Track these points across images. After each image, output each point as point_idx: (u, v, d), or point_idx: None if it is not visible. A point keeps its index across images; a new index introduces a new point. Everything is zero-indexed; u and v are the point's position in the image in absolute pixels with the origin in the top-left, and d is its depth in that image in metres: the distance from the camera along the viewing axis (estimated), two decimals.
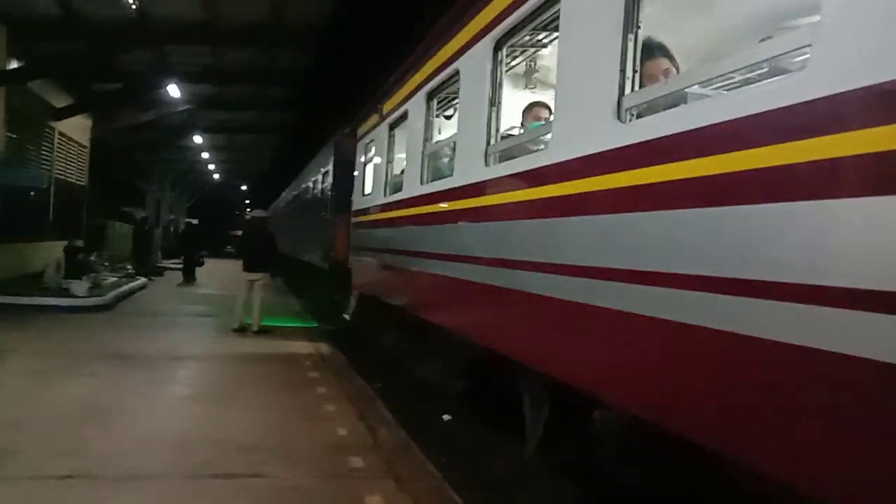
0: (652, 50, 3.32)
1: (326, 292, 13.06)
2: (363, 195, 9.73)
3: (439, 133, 6.77)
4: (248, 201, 59.01)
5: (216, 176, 43.93)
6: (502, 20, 4.53)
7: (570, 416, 4.05)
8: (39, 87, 15.55)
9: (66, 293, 12.66)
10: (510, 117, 5.09)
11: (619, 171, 3.06)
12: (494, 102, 4.80)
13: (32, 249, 15.59)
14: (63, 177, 18.04)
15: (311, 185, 17.88)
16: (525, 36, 4.88)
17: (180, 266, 20.68)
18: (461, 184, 5.29)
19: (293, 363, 8.19)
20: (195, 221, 35.34)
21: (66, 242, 15.65)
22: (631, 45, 3.10)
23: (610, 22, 3.18)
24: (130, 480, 4.12)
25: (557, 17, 3.88)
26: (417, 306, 6.62)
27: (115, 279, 15.89)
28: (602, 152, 3.22)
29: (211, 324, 11.18)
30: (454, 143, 5.72)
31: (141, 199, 32.94)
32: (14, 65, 14.10)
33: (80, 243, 16.87)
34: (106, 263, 17.23)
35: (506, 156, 4.65)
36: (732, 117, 2.39)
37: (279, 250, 13.96)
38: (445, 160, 6.21)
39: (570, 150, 3.58)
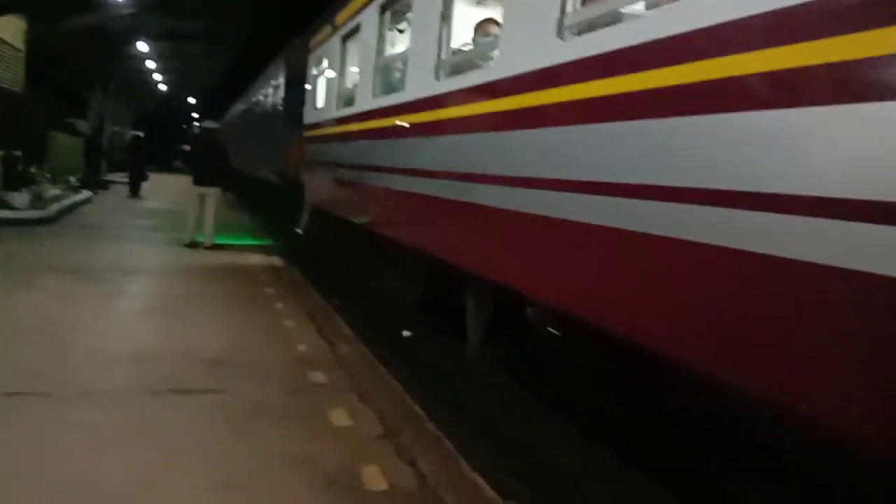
0: None
1: (279, 207, 13.31)
2: (315, 109, 9.81)
3: (392, 47, 6.73)
4: (196, 115, 57.27)
5: (163, 87, 42.59)
6: None
7: (507, 314, 4.38)
8: None
9: (5, 206, 12.36)
10: (463, 33, 5.12)
11: (559, 86, 3.26)
12: (446, 17, 4.89)
13: None
14: None
15: (262, 98, 17.88)
16: None
17: (126, 181, 20.37)
18: (412, 98, 5.40)
19: (248, 278, 8.28)
20: (142, 134, 34.43)
21: (2, 153, 15.23)
22: None
23: None
24: (86, 397, 4.01)
25: None
26: (370, 220, 6.77)
27: (59, 192, 15.52)
28: (544, 69, 3.40)
29: (160, 238, 11.10)
30: (406, 57, 5.80)
31: (84, 109, 31.83)
32: None
33: (18, 154, 16.42)
34: (48, 175, 16.79)
35: (456, 70, 4.77)
36: (658, 37, 2.59)
37: (231, 165, 13.99)
38: (397, 74, 6.21)
39: (514, 67, 3.75)
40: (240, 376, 4.54)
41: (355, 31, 7.62)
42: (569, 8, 3.26)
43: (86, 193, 17.07)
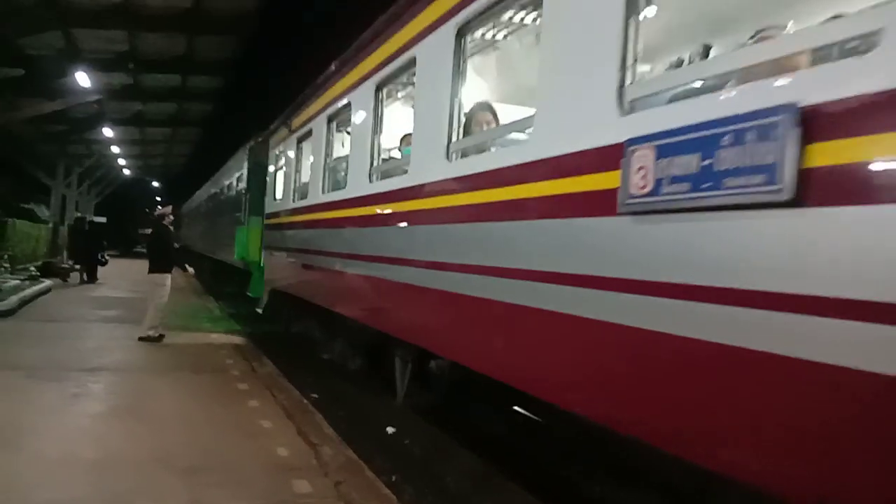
0: (482, 105, 5.13)
1: (242, 289, 14.61)
2: (275, 200, 11.63)
3: (342, 147, 8.26)
4: (159, 199, 58.66)
5: (127, 171, 43.77)
6: (382, 68, 6.37)
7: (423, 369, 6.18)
8: None
9: None
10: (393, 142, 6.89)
11: (447, 195, 4.89)
12: (377, 130, 6.53)
13: None
14: None
15: (226, 187, 19.60)
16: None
17: (76, 267, 20.99)
18: (353, 195, 6.97)
19: (217, 370, 8.51)
20: (99, 219, 35.15)
21: None
22: (457, 109, 4.91)
23: (446, 91, 4.93)
24: None
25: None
26: (322, 298, 8.26)
27: (18, 282, 15.84)
28: (437, 181, 5.09)
29: (123, 331, 11.14)
30: (347, 161, 7.37)
31: (45, 194, 32.80)
32: None
33: None
34: (6, 265, 17.40)
35: (385, 175, 6.28)
36: (495, 167, 4.29)
37: (182, 247, 15.54)
38: (342, 174, 7.64)
39: (419, 178, 5.35)
40: (218, 484, 4.51)
41: (308, 134, 9.31)
42: (453, 137, 4.88)
43: (46, 283, 17.59)
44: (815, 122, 2.29)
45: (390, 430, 6.26)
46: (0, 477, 4.37)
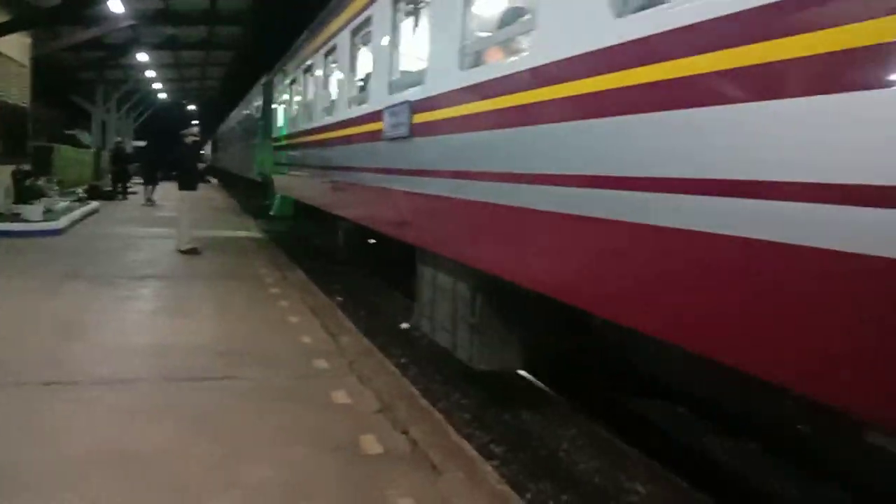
0: None
1: (259, 195, 19.45)
2: (277, 126, 15.92)
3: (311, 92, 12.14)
4: (195, 122, 59.44)
5: (163, 95, 44.61)
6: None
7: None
8: None
9: (18, 218, 13.56)
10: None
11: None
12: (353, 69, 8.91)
13: None
14: (5, 98, 19.06)
15: (245, 117, 24.49)
16: None
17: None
18: (326, 123, 10.05)
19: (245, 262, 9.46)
20: (138, 143, 36.40)
21: (13, 167, 16.52)
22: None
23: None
24: (109, 384, 4.75)
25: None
26: (314, 200, 11.58)
27: (67, 203, 16.83)
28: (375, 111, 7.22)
29: (166, 245, 12.05)
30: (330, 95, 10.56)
31: (87, 120, 33.85)
32: None
33: (27, 167, 18.06)
34: (56, 188, 18.42)
35: (355, 102, 8.57)
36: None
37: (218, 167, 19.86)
38: (329, 105, 10.34)
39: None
40: (249, 364, 5.36)
41: (307, 70, 12.54)
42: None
43: (93, 204, 18.69)
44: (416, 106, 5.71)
45: (404, 325, 7.01)
46: (71, 361, 5.31)
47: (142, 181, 23.16)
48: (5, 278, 8.70)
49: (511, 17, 4.76)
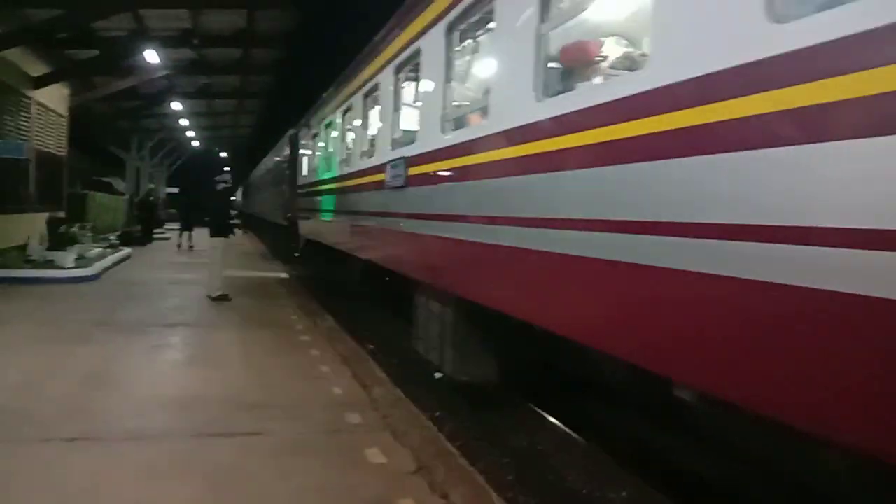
0: None
1: (284, 237, 20.30)
2: (302, 175, 17.25)
3: (332, 145, 13.07)
4: (227, 168, 60.37)
5: (196, 143, 45.41)
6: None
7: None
8: (15, 56, 16.17)
9: (51, 265, 13.71)
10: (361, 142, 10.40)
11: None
12: (363, 126, 9.83)
13: (13, 222, 16.12)
14: (42, 147, 19.45)
15: (275, 164, 25.73)
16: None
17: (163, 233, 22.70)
18: (343, 173, 11.05)
19: (274, 308, 9.29)
20: (171, 190, 37.02)
21: (47, 214, 16.67)
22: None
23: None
24: (136, 440, 4.60)
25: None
26: (333, 242, 12.05)
27: (100, 250, 17.05)
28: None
29: (197, 291, 12.07)
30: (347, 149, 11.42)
31: (121, 167, 34.48)
32: None
33: (61, 214, 18.33)
34: (89, 234, 18.66)
35: (366, 155, 9.41)
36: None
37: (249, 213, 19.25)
38: (345, 157, 11.34)
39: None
40: (280, 417, 5.19)
41: (328, 125, 13.40)
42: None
43: (125, 251, 18.88)
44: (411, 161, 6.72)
45: (437, 375, 6.79)
46: (99, 414, 5.21)
47: (178, 227, 23.44)
48: (36, 325, 8.70)
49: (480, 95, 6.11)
